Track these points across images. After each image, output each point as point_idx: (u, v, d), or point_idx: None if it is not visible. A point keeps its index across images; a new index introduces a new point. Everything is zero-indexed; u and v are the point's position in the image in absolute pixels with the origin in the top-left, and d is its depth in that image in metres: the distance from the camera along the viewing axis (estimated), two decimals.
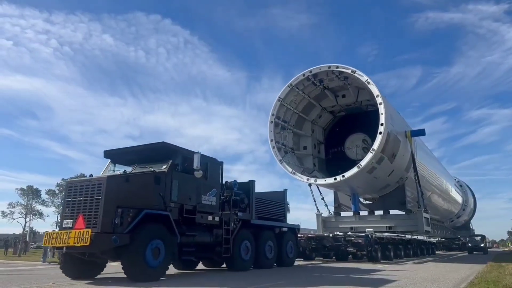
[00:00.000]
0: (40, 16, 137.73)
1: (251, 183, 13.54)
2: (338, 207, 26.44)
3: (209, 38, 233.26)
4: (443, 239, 43.85)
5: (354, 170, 19.90)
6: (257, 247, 13.14)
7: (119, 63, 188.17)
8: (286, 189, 15.92)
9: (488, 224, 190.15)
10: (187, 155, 10.49)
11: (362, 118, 24.75)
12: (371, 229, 19.91)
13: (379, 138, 19.56)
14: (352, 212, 24.78)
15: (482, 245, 39.69)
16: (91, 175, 9.62)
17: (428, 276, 11.46)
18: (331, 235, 20.19)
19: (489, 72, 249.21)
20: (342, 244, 19.02)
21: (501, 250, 66.91)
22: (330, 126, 27.17)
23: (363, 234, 19.63)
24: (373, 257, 19.13)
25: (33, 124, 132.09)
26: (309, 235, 21.42)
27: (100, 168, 11.50)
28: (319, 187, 25.84)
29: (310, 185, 25.34)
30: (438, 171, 32.36)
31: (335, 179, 20.66)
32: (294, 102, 23.74)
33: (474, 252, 38.49)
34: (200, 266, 14.13)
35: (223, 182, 12.47)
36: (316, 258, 22.96)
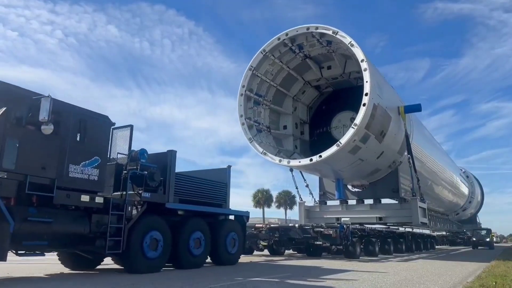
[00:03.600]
0: (45, 7, 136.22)
1: (170, 153, 9.99)
2: (324, 195, 24.01)
3: (214, 29, 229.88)
4: (448, 233, 40.86)
5: (333, 149, 17.02)
6: (177, 240, 9.69)
7: (124, 54, 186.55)
8: (230, 166, 12.42)
9: (497, 219, 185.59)
10: (37, 102, 7.03)
11: (351, 94, 21.50)
12: (347, 219, 16.60)
13: (362, 110, 16.63)
14: (338, 201, 22.00)
15: (488, 239, 37.59)
16: None
17: (395, 281, 8.17)
18: (297, 225, 16.85)
19: (499, 64, 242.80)
20: (311, 236, 15.62)
21: (510, 245, 63.13)
22: (316, 104, 24.08)
23: (338, 224, 16.29)
24: (350, 253, 15.74)
25: None
26: (272, 225, 18.04)
27: None
28: (303, 172, 23.21)
29: (291, 170, 22.82)
30: (440, 158, 29.23)
31: (311, 160, 17.66)
32: (270, 73, 20.52)
33: (479, 247, 36.11)
34: (111, 264, 10.76)
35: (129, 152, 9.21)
36: (288, 252, 19.78)
